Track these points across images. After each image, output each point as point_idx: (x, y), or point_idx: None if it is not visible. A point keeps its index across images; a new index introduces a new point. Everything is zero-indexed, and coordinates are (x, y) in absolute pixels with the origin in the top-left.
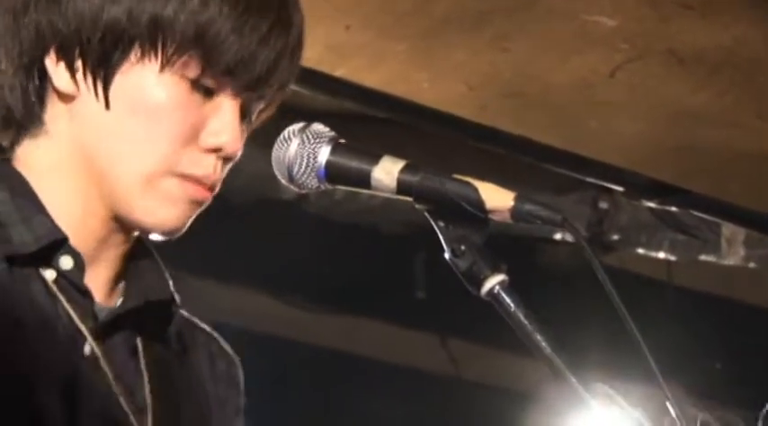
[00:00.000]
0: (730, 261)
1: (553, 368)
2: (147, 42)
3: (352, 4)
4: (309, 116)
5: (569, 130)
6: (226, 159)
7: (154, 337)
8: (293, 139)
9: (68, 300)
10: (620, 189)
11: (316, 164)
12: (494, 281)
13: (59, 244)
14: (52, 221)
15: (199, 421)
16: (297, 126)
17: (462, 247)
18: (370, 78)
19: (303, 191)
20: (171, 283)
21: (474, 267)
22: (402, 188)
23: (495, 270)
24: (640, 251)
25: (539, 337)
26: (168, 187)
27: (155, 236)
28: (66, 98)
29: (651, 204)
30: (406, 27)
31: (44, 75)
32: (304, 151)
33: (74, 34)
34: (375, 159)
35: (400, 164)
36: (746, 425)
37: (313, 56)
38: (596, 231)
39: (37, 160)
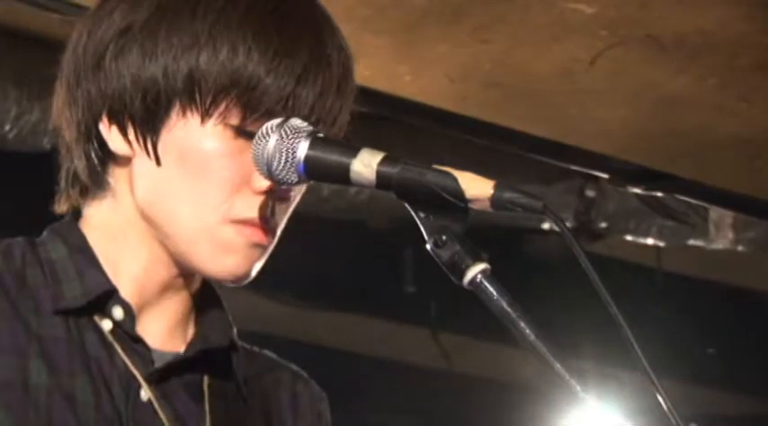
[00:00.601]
0: (719, 245)
1: (539, 356)
2: (184, 96)
3: None
4: None
5: (552, 119)
6: (282, 200)
7: (220, 380)
8: (272, 135)
9: (124, 349)
10: (605, 176)
11: (295, 160)
12: (476, 270)
13: (109, 295)
14: (104, 274)
15: None
16: (275, 121)
17: (444, 237)
18: None
19: (283, 187)
20: (232, 328)
21: (456, 257)
22: (381, 180)
23: (477, 259)
24: (629, 238)
25: (523, 324)
26: (227, 235)
27: (223, 283)
28: (123, 160)
29: (637, 190)
30: (386, 20)
31: (102, 141)
32: (283, 146)
33: (119, 97)
34: (354, 152)
35: (379, 156)
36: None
37: None
38: (584, 219)
39: (101, 220)
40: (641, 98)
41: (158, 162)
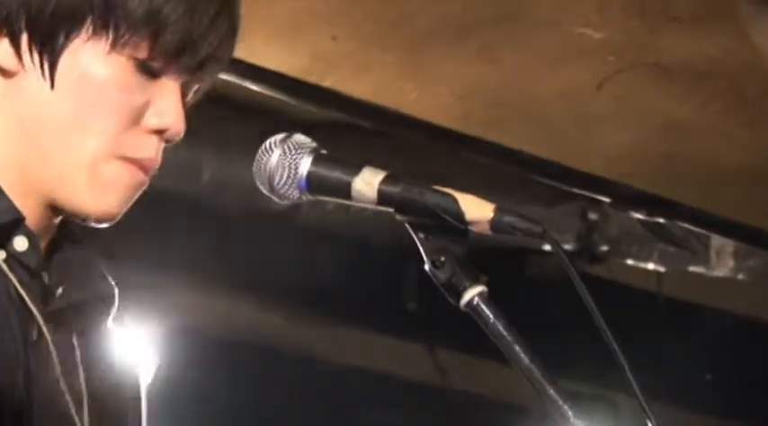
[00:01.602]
0: (719, 272)
1: (532, 380)
2: (99, 20)
3: (339, 14)
4: (296, 126)
5: (556, 142)
6: (168, 142)
7: (90, 328)
8: (274, 150)
9: (20, 281)
10: (607, 200)
11: (297, 175)
12: (473, 292)
13: (15, 224)
14: (8, 199)
15: (121, 419)
16: (278, 136)
17: (442, 258)
18: (358, 88)
19: (284, 202)
20: (110, 278)
21: (454, 278)
22: (382, 199)
23: (475, 281)
24: (630, 262)
25: (518, 349)
26: (112, 171)
27: (89, 223)
28: (6, 73)
29: (639, 215)
30: (393, 37)
31: None
32: (285, 161)
33: (20, 6)
34: (356, 170)
35: (381, 175)
36: None
37: (300, 66)
38: (586, 242)
39: None
40: (646, 123)
41: (53, 84)
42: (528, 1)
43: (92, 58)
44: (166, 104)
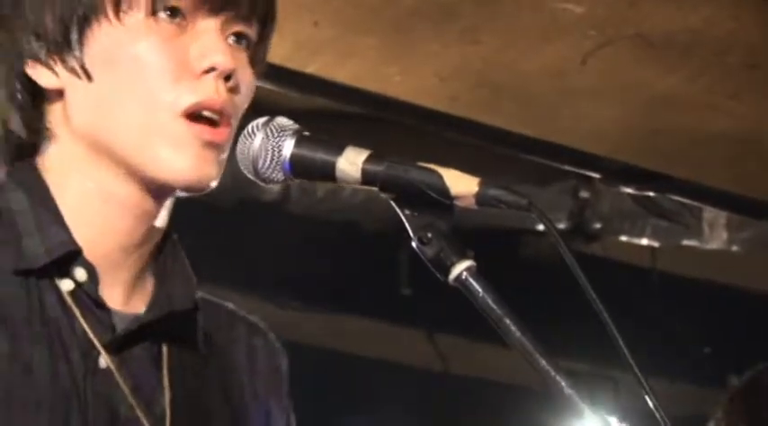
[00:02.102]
0: (713, 245)
1: (524, 353)
2: (95, 6)
3: (320, 0)
4: (281, 114)
5: (543, 120)
6: (227, 79)
7: (179, 343)
8: (257, 133)
9: (83, 313)
10: (597, 176)
11: (280, 158)
12: (461, 267)
13: (73, 256)
14: (67, 231)
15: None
16: (260, 120)
17: (429, 234)
18: (341, 73)
19: (270, 186)
20: (195, 287)
21: (441, 254)
22: (367, 178)
23: (463, 256)
24: (623, 238)
25: (508, 322)
26: (174, 130)
27: (183, 193)
28: (56, 96)
29: (630, 190)
30: (375, 21)
31: (30, 88)
32: (268, 144)
33: (33, 33)
34: (339, 150)
35: (364, 154)
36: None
37: (282, 53)
38: (578, 220)
39: (52, 163)
40: (632, 97)
41: (89, 77)
42: None
43: (110, 36)
44: (204, 43)
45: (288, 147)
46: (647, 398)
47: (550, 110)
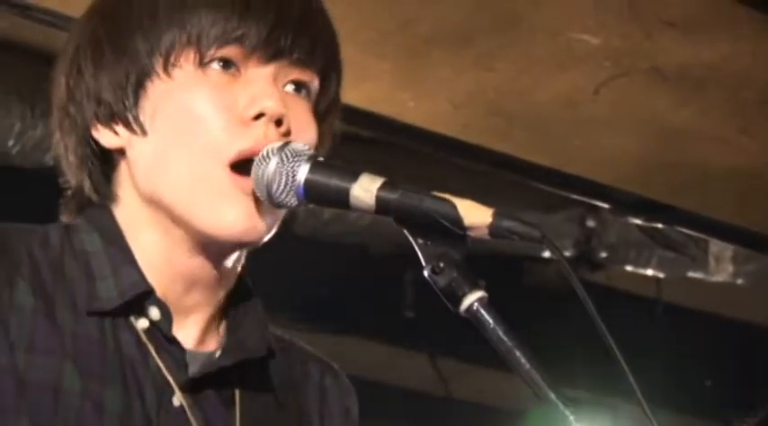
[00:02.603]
0: (718, 277)
1: (533, 385)
2: (149, 71)
3: (335, 21)
4: None
5: (554, 148)
6: (278, 125)
7: (252, 386)
8: (272, 157)
9: (158, 351)
10: (606, 206)
11: (295, 183)
12: (472, 298)
13: (145, 296)
14: (140, 272)
15: None
16: (276, 144)
17: (441, 264)
18: (354, 96)
19: (283, 210)
20: (269, 334)
21: (453, 284)
22: (381, 205)
23: (474, 286)
24: (629, 268)
25: (518, 354)
26: (219, 180)
27: (235, 245)
28: (120, 156)
29: (638, 221)
30: (390, 45)
31: (97, 150)
32: (283, 169)
33: (96, 100)
34: (354, 177)
35: (379, 181)
36: None
37: None
38: (584, 249)
39: (122, 221)
40: (644, 129)
41: (144, 132)
42: (525, 8)
43: (159, 90)
44: (252, 89)
45: (302, 173)
46: None
47: (562, 138)
